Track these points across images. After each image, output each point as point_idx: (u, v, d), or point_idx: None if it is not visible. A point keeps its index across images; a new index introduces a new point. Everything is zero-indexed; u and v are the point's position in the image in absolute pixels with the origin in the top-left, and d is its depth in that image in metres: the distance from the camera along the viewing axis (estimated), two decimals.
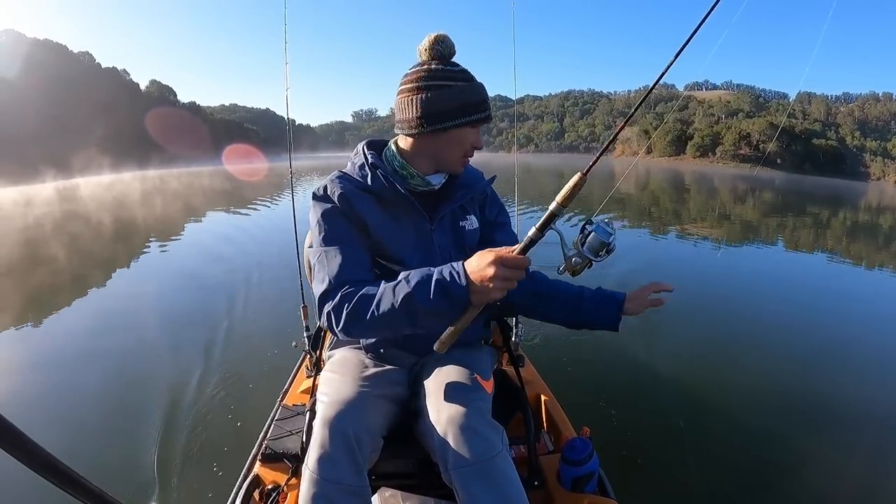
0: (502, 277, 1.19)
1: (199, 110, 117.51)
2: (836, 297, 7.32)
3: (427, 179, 1.56)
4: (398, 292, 1.28)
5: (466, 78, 1.48)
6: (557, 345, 4.47)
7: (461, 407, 1.35)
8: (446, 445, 1.30)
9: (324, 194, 1.51)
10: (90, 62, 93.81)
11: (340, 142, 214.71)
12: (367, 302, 1.32)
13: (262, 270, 7.38)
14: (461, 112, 1.46)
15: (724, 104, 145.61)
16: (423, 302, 1.26)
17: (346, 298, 1.35)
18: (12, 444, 0.66)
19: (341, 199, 1.49)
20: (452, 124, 1.46)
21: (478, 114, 1.48)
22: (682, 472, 2.96)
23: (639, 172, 55.69)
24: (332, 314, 1.37)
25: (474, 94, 1.48)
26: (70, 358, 4.55)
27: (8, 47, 77.67)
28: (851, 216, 23.23)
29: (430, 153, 1.54)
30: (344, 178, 1.54)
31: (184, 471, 2.88)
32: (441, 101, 1.44)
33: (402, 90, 1.49)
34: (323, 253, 1.45)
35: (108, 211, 17.66)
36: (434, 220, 1.59)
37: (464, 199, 1.64)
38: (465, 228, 1.67)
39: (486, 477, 1.27)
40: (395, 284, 1.30)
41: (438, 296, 1.25)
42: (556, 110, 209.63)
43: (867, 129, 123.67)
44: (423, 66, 1.48)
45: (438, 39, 1.47)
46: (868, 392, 4.08)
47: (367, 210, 1.50)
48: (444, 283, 1.25)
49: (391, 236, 1.53)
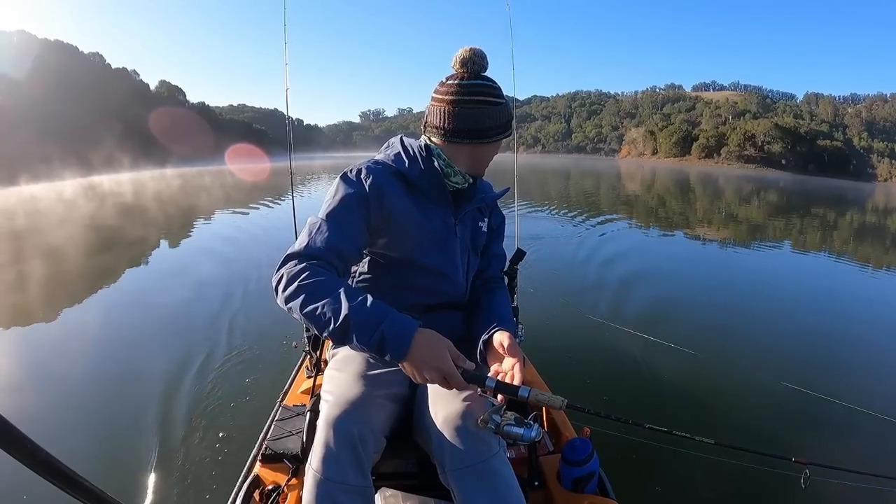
0: (437, 380, 1.24)
1: (208, 110, 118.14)
2: (841, 298, 7.29)
3: (467, 178, 1.63)
4: (346, 310, 1.24)
5: (503, 96, 1.56)
6: (557, 345, 4.47)
7: (459, 408, 1.36)
8: (444, 447, 1.31)
9: (356, 178, 1.52)
10: (100, 63, 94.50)
11: (348, 142, 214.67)
12: (321, 291, 1.28)
13: (261, 270, 7.39)
14: (484, 133, 1.54)
15: (731, 105, 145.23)
16: (359, 338, 1.24)
17: (309, 270, 1.31)
18: (12, 444, 0.65)
19: (373, 188, 1.50)
20: (493, 140, 1.56)
21: (499, 135, 1.57)
22: (681, 472, 2.96)
23: (644, 173, 55.74)
24: (285, 276, 1.32)
25: (500, 116, 1.55)
26: (69, 357, 4.58)
27: (19, 48, 78.38)
28: (858, 217, 23.12)
29: (467, 158, 1.59)
30: (380, 165, 1.57)
31: (184, 471, 2.88)
32: (467, 119, 1.51)
33: (443, 100, 1.54)
34: (319, 222, 1.44)
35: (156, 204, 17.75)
36: (458, 216, 1.66)
37: (483, 202, 1.73)
38: (482, 229, 1.78)
39: (483, 478, 1.28)
40: (351, 300, 1.26)
41: (374, 344, 1.23)
42: (563, 111, 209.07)
43: (875, 130, 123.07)
44: (464, 79, 1.52)
45: (473, 54, 1.52)
46: (870, 392, 4.05)
47: (397, 199, 1.53)
48: (384, 340, 1.23)
49: (416, 224, 1.56)
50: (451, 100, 1.52)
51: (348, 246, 1.44)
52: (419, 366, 1.22)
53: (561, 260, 8.65)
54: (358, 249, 1.50)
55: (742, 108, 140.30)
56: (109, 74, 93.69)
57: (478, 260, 1.79)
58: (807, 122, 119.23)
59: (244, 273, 7.38)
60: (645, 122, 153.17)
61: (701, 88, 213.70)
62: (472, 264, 1.75)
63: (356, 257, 1.53)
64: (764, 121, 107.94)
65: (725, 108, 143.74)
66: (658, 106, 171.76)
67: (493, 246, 1.86)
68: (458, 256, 1.67)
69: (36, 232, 12.70)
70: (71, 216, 16.15)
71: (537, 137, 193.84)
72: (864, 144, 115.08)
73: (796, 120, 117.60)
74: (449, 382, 1.24)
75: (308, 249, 1.38)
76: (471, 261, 1.74)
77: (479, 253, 1.79)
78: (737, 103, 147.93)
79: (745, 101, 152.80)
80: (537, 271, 7.17)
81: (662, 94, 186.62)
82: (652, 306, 5.99)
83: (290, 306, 1.29)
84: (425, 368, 1.22)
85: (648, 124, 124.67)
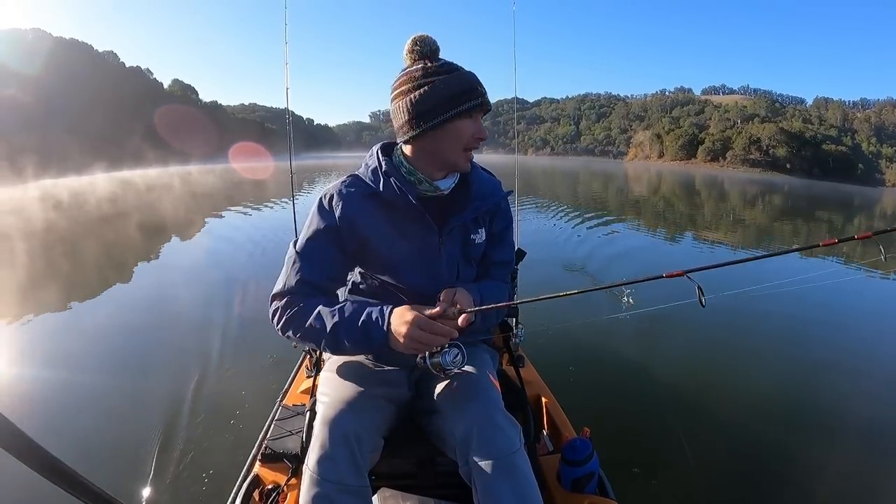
0: (413, 338, 1.30)
1: (220, 109, 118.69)
2: (846, 304, 7.19)
3: (435, 184, 1.52)
4: (330, 319, 1.40)
5: (449, 70, 1.42)
6: (557, 345, 4.45)
7: (483, 402, 1.37)
8: (469, 440, 1.31)
9: (328, 205, 1.50)
10: (115, 61, 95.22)
11: (358, 142, 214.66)
12: (305, 316, 1.44)
13: (262, 270, 7.38)
14: (449, 104, 1.39)
15: (740, 109, 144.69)
16: (346, 334, 1.39)
17: (290, 305, 1.47)
18: (13, 444, 0.66)
19: (343, 219, 1.48)
20: (443, 118, 1.40)
21: (467, 102, 1.41)
22: (681, 472, 2.95)
23: (651, 175, 55.64)
24: (277, 313, 1.49)
25: (461, 83, 1.41)
26: (68, 355, 4.58)
27: (34, 45, 79.16)
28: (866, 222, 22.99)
29: (431, 154, 1.49)
30: (353, 186, 1.52)
31: (184, 471, 2.87)
32: (427, 98, 1.39)
33: (393, 98, 1.47)
34: (294, 257, 1.52)
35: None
36: (444, 233, 1.54)
37: (477, 211, 1.59)
38: (475, 242, 1.63)
39: (506, 472, 1.27)
40: (330, 310, 1.42)
41: (360, 333, 1.37)
42: (572, 113, 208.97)
43: (884, 135, 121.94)
44: (407, 70, 1.45)
45: (417, 40, 1.45)
46: (867, 400, 4.02)
47: (370, 223, 1.49)
48: (368, 325, 1.37)
49: (392, 247, 1.51)
50: (397, 92, 1.45)
51: (320, 278, 1.52)
52: (397, 332, 1.33)
53: (562, 260, 8.62)
54: (332, 279, 1.56)
55: (751, 112, 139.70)
56: (124, 73, 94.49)
57: (472, 270, 1.67)
58: (815, 126, 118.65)
59: (244, 272, 7.42)
60: (653, 125, 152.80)
61: (710, 92, 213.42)
62: (465, 277, 1.64)
63: (334, 284, 1.59)
64: (769, 125, 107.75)
65: (734, 111, 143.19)
66: (667, 109, 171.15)
67: (495, 252, 1.71)
68: (445, 274, 1.56)
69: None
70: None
71: (546, 139, 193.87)
72: (873, 149, 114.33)
73: (805, 124, 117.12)
74: (429, 333, 1.30)
75: (284, 288, 1.50)
76: (462, 274, 1.62)
77: (473, 263, 1.66)
78: (746, 107, 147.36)
79: (754, 105, 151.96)
80: (537, 274, 7.06)
81: (672, 97, 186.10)
82: (654, 306, 5.95)
83: (288, 335, 1.49)
84: (401, 330, 1.31)
85: (657, 127, 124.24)
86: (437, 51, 1.46)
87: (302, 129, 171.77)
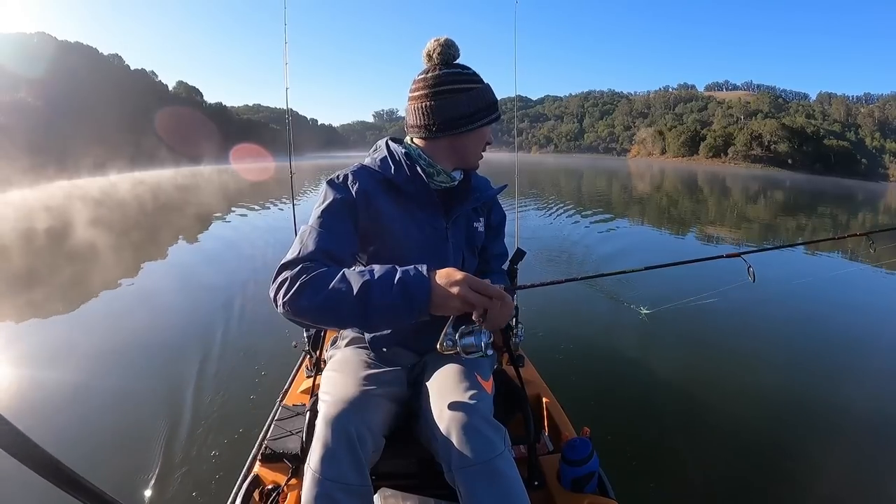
0: (465, 298, 1.18)
1: (225, 110, 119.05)
2: (849, 302, 7.15)
3: (452, 175, 1.61)
4: (359, 279, 1.22)
5: (478, 81, 1.54)
6: (557, 345, 4.45)
7: (463, 407, 1.34)
8: (449, 445, 1.29)
9: (342, 183, 1.52)
10: (119, 64, 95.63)
11: (362, 141, 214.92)
12: (326, 279, 1.25)
13: (261, 270, 7.35)
14: (480, 114, 1.54)
15: (744, 105, 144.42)
16: (380, 296, 1.20)
17: (307, 270, 1.28)
18: (13, 445, 0.66)
19: (360, 194, 1.50)
20: (479, 124, 1.55)
21: (494, 114, 1.57)
22: (682, 472, 2.94)
23: (653, 172, 55.59)
24: (287, 282, 1.27)
25: (489, 95, 1.55)
26: (68, 356, 4.59)
27: (38, 49, 79.50)
28: (871, 218, 22.90)
29: (454, 151, 1.60)
30: (365, 170, 1.57)
31: (184, 471, 2.88)
32: (458, 106, 1.51)
33: (415, 97, 1.54)
34: (309, 229, 1.42)
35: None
36: (450, 219, 1.63)
37: (478, 202, 1.71)
38: (477, 230, 1.74)
39: (489, 477, 1.26)
40: (358, 270, 1.25)
41: (398, 293, 1.20)
42: (575, 111, 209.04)
43: (888, 130, 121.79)
44: (432, 71, 1.52)
45: (444, 44, 1.52)
46: (869, 398, 4.00)
47: (384, 205, 1.53)
48: (406, 283, 1.20)
49: (403, 231, 1.55)
50: (423, 94, 1.52)
51: (339, 250, 1.41)
52: (453, 291, 1.19)
53: (564, 259, 8.63)
54: (350, 254, 1.46)
55: (754, 108, 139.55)
56: (130, 75, 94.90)
57: (475, 260, 1.75)
58: (819, 121, 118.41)
59: (244, 272, 7.39)
60: (657, 121, 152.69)
61: (713, 88, 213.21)
62: (469, 266, 1.70)
63: (348, 261, 1.46)
64: (771, 121, 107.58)
65: (738, 107, 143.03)
66: (670, 106, 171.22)
67: (493, 245, 1.83)
68: (451, 261, 1.62)
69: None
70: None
71: (550, 137, 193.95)
72: (877, 144, 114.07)
73: (808, 120, 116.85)
74: (482, 295, 1.20)
75: (301, 254, 1.35)
76: (466, 263, 1.69)
77: (475, 253, 1.75)
78: (749, 103, 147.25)
79: (758, 100, 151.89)
80: (537, 273, 7.05)
81: (675, 94, 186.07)
82: (656, 305, 5.95)
83: (298, 307, 1.25)
84: (458, 289, 1.18)
85: (660, 124, 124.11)
86: (456, 56, 1.56)
87: (317, 130, 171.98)
